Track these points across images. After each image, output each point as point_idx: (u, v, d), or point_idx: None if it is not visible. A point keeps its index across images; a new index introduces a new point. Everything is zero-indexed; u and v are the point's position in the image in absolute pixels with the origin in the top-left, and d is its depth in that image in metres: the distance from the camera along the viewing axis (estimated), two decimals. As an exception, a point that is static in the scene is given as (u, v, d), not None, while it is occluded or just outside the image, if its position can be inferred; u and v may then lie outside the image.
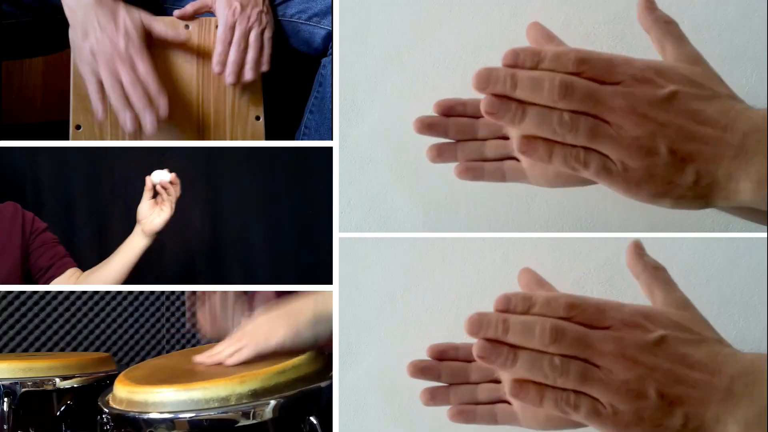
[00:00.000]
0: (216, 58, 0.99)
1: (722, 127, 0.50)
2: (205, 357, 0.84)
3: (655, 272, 0.58)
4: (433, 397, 0.64)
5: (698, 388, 0.49)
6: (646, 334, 0.50)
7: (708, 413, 0.48)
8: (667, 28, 0.57)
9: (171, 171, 1.04)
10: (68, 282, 1.11)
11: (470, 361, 0.64)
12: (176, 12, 1.01)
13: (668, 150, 0.50)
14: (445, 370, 0.64)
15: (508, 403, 0.61)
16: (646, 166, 0.51)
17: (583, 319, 0.50)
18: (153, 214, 1.04)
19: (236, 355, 0.80)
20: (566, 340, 0.49)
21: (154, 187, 1.04)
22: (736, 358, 0.50)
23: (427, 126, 0.64)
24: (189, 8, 1.00)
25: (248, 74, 1.00)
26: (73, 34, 0.93)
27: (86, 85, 0.94)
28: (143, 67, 0.94)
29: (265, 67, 1.02)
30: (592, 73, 0.52)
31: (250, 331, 0.82)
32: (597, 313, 0.51)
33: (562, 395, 0.49)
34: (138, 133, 0.96)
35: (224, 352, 0.82)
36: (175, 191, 1.04)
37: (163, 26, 0.97)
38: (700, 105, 0.51)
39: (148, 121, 0.94)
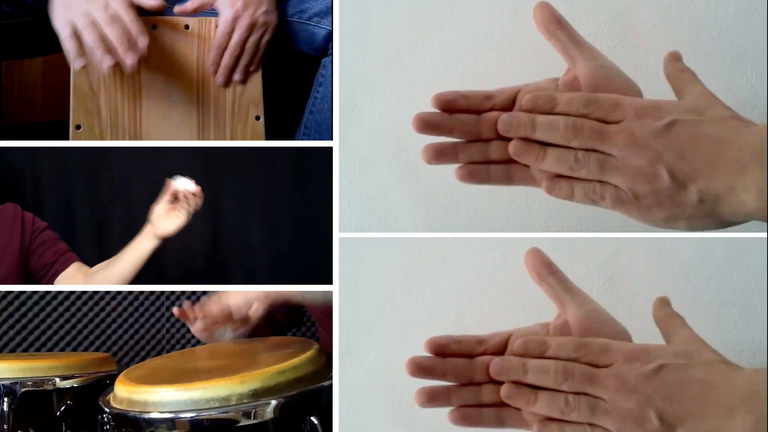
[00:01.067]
0: (210, 60, 1.00)
1: (719, 145, 0.54)
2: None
3: (672, 319, 0.62)
4: (431, 399, 0.60)
5: (696, 405, 0.53)
6: (644, 366, 0.55)
7: (708, 426, 0.53)
8: (682, 75, 0.61)
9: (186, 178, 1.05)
10: (74, 276, 1.11)
11: (473, 356, 0.61)
12: (176, 8, 1.00)
13: (669, 174, 0.55)
14: (450, 370, 0.60)
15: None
16: (652, 192, 0.55)
17: (589, 358, 0.57)
18: (168, 219, 1.04)
19: (251, 310, 0.91)
20: (575, 377, 0.57)
21: (175, 192, 1.04)
22: (734, 375, 0.54)
23: (429, 125, 0.60)
24: (189, 5, 0.99)
25: (236, 76, 1.01)
26: None
27: (60, 35, 0.90)
28: (118, 4, 0.89)
29: (252, 68, 1.02)
30: (599, 114, 0.57)
31: (257, 292, 0.93)
32: (601, 352, 0.57)
33: (578, 428, 0.56)
34: (116, 70, 0.93)
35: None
36: (196, 203, 1.05)
37: None
38: (697, 128, 0.55)
39: (128, 60, 0.90)
